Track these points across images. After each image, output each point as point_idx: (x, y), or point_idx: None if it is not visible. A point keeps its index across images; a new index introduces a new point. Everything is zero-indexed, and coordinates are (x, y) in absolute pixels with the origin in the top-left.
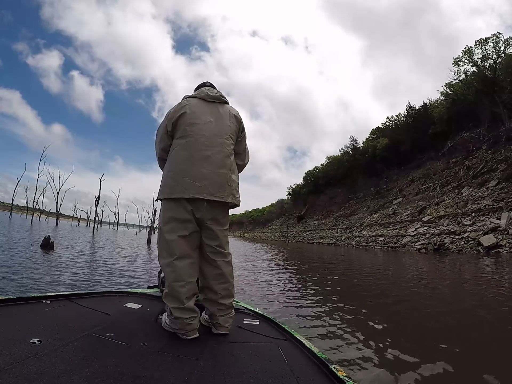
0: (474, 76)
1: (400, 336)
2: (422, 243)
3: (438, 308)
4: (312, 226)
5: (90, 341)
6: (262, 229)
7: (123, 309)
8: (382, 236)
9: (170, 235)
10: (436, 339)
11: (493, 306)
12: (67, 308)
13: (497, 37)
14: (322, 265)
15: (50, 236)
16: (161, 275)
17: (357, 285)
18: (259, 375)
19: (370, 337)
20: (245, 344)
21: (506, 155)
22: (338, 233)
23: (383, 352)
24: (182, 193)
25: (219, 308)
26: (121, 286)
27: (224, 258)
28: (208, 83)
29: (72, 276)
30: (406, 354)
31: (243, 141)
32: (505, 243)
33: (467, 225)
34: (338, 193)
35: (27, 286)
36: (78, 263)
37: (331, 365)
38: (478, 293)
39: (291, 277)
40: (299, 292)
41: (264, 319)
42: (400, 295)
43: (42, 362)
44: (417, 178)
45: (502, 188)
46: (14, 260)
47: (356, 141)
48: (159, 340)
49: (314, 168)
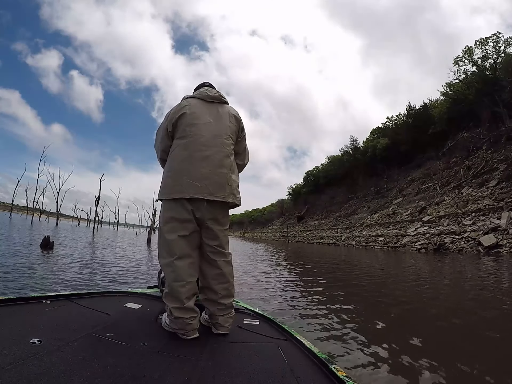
0: (474, 75)
1: (400, 336)
2: (422, 243)
3: (439, 308)
4: (312, 226)
5: (90, 341)
6: (262, 229)
7: (123, 309)
8: (382, 236)
9: (170, 235)
10: (436, 339)
11: (497, 306)
12: (67, 308)
13: (497, 36)
14: (321, 265)
15: (50, 236)
16: (161, 275)
17: (356, 285)
18: (259, 375)
19: (370, 337)
20: (245, 344)
21: (506, 155)
22: (338, 233)
23: (383, 352)
24: (182, 193)
25: (219, 308)
26: (121, 286)
27: (224, 258)
28: (208, 84)
29: (71, 276)
30: (407, 354)
31: (243, 141)
32: (505, 243)
33: (467, 225)
34: (338, 193)
35: (25, 286)
36: (77, 263)
37: (331, 365)
38: (479, 293)
39: (290, 277)
40: (299, 292)
41: (264, 319)
42: (400, 295)
43: (42, 362)
44: (417, 178)
45: (502, 188)
46: (13, 260)
47: (356, 141)
48: (159, 340)
49: (315, 168)
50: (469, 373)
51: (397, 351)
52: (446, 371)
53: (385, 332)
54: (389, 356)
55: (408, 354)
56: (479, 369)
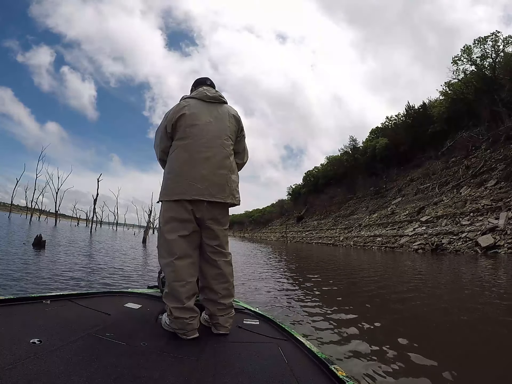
0: (473, 75)
1: (400, 336)
2: (419, 243)
3: (439, 308)
4: (311, 226)
5: (90, 341)
6: (262, 229)
7: (123, 309)
8: (380, 236)
9: (170, 235)
10: (436, 338)
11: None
12: (67, 308)
13: (496, 35)
14: (321, 265)
15: (46, 236)
16: (161, 275)
17: (356, 285)
18: (259, 375)
19: (370, 337)
20: (245, 344)
21: (505, 154)
22: (337, 233)
23: (383, 351)
24: (183, 195)
25: (219, 308)
26: (118, 284)
27: (224, 257)
28: (208, 82)
29: (59, 273)
30: (407, 354)
31: (242, 141)
32: (503, 244)
33: (465, 225)
34: (337, 193)
35: (12, 285)
36: (66, 261)
37: (331, 365)
38: (476, 293)
39: (290, 277)
40: (299, 292)
41: (264, 319)
42: (401, 295)
43: (42, 362)
44: (416, 177)
45: (501, 188)
46: (3, 258)
47: (355, 141)
48: (159, 340)
49: (314, 168)
50: (471, 372)
51: (398, 351)
52: (447, 371)
53: (386, 331)
54: (390, 356)
55: (409, 354)
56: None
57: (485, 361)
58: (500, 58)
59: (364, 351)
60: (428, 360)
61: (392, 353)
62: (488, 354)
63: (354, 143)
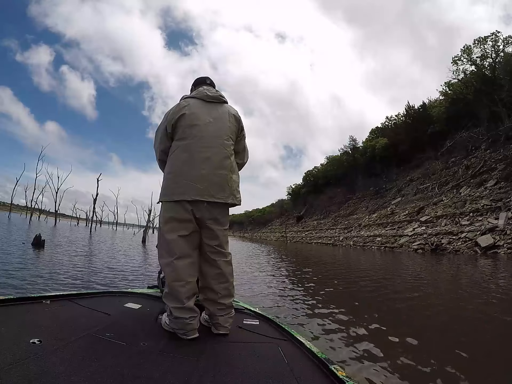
0: (473, 75)
1: (400, 336)
2: (419, 243)
3: (439, 308)
4: (311, 226)
5: (90, 341)
6: (262, 229)
7: (123, 309)
8: (379, 236)
9: (170, 235)
10: (436, 338)
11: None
12: (67, 308)
13: (496, 35)
14: (320, 265)
15: (43, 235)
16: (161, 275)
17: (356, 285)
18: (259, 375)
19: (370, 336)
20: (245, 344)
21: (505, 155)
22: (336, 233)
23: (384, 351)
24: (183, 195)
25: (219, 308)
26: (118, 284)
27: (224, 257)
28: (208, 82)
29: (59, 273)
30: (407, 353)
31: (243, 140)
32: (502, 244)
33: (465, 225)
34: (337, 193)
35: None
36: (66, 261)
37: (331, 365)
38: (476, 293)
39: (290, 277)
40: (299, 292)
41: (264, 319)
42: (401, 295)
43: (42, 362)
44: (416, 178)
45: (500, 188)
46: (2, 258)
47: (355, 141)
48: (159, 340)
49: (314, 168)
50: (472, 372)
51: (398, 351)
52: (446, 371)
53: (386, 331)
54: (390, 356)
55: (408, 354)
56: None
57: (493, 364)
58: (500, 58)
59: (364, 351)
60: (428, 360)
61: (392, 353)
62: (496, 356)
63: (354, 143)
